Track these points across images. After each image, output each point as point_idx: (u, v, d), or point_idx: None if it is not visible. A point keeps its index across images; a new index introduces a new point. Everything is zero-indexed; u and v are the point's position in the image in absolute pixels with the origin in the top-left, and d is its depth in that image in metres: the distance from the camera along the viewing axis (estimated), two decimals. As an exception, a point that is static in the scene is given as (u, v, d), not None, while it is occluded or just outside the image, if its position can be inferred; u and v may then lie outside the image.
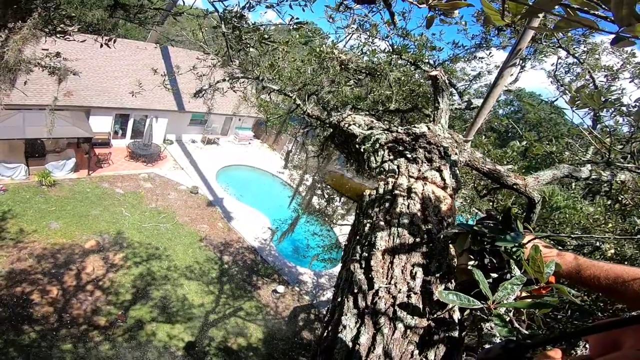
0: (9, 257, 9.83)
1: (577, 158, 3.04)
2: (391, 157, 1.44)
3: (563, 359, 0.81)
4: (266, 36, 3.60)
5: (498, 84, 3.71)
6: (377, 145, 1.43)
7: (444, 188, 1.36)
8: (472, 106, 4.63)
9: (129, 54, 18.18)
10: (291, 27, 3.94)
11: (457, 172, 1.42)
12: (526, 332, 1.00)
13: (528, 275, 1.00)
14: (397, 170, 1.40)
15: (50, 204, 12.41)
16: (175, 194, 15.58)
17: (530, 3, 0.74)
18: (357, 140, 1.54)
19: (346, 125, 1.76)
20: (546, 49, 5.63)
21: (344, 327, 0.99)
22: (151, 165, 17.18)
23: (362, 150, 1.49)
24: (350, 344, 0.96)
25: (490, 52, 7.28)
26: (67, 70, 4.17)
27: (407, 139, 1.39)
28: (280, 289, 12.05)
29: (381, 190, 1.33)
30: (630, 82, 4.85)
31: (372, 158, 1.42)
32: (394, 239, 1.12)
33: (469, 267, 1.11)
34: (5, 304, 8.57)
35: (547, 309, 0.94)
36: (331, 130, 2.54)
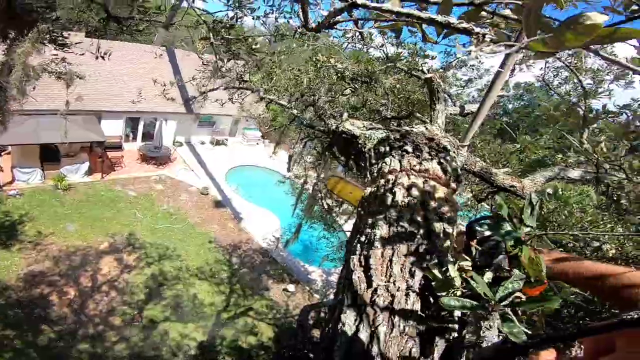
0: (28, 259, 10.11)
1: (570, 162, 2.99)
2: (392, 153, 1.44)
3: (557, 359, 0.81)
4: (254, 46, 3.63)
5: (492, 90, 3.69)
6: (377, 142, 1.43)
7: (446, 183, 1.36)
8: (465, 112, 4.59)
9: (137, 57, 18.43)
10: (275, 39, 3.97)
11: (457, 167, 1.42)
12: (528, 332, 1.00)
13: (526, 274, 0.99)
14: (398, 165, 1.40)
15: (66, 207, 12.71)
16: (186, 195, 15.78)
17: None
18: (358, 140, 1.55)
19: (346, 128, 1.77)
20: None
21: (343, 324, 1.00)
22: (162, 167, 17.43)
23: (362, 149, 1.50)
24: (349, 341, 0.97)
25: (480, 60, 7.31)
26: (73, 74, 4.26)
27: (406, 136, 1.39)
28: (291, 287, 12.12)
29: (382, 188, 1.33)
30: (611, 83, 4.80)
31: (373, 155, 1.42)
32: (393, 237, 1.12)
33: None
34: (24, 305, 8.79)
35: (553, 306, 0.92)
36: (329, 140, 2.55)
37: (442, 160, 1.42)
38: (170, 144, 19.40)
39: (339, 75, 4.15)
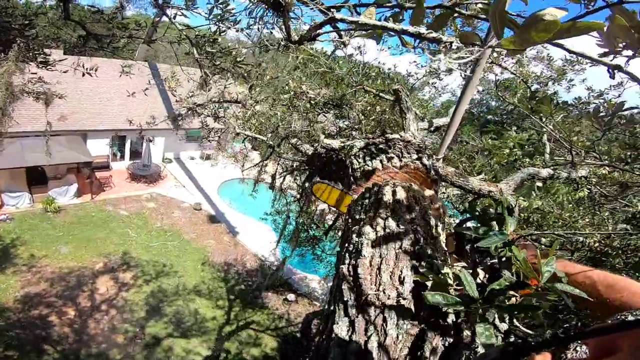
0: (23, 281, 10.09)
1: (537, 164, 3.05)
2: (372, 156, 1.45)
3: None
4: (239, 59, 3.63)
5: (461, 103, 3.78)
6: (357, 149, 1.45)
7: (426, 175, 1.37)
8: (433, 127, 4.71)
9: (119, 73, 18.26)
10: (260, 50, 4.00)
11: (436, 165, 1.43)
12: (529, 331, 0.99)
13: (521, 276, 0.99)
14: (380, 167, 1.41)
15: (57, 229, 12.54)
16: (179, 212, 15.63)
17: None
18: (338, 152, 1.56)
19: (325, 143, 1.78)
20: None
21: (337, 334, 1.00)
22: (152, 185, 17.23)
23: (343, 159, 1.50)
24: (343, 352, 0.96)
25: (441, 78, 7.55)
26: (52, 94, 4.19)
27: (383, 141, 1.41)
28: (291, 297, 12.05)
29: (366, 193, 1.34)
30: (553, 83, 5.02)
31: (354, 161, 1.43)
32: (380, 244, 1.12)
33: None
34: (24, 326, 8.80)
35: (536, 311, 0.92)
36: (308, 170, 2.55)
37: (420, 155, 1.44)
38: (159, 161, 19.20)
39: (311, 102, 4.19)
